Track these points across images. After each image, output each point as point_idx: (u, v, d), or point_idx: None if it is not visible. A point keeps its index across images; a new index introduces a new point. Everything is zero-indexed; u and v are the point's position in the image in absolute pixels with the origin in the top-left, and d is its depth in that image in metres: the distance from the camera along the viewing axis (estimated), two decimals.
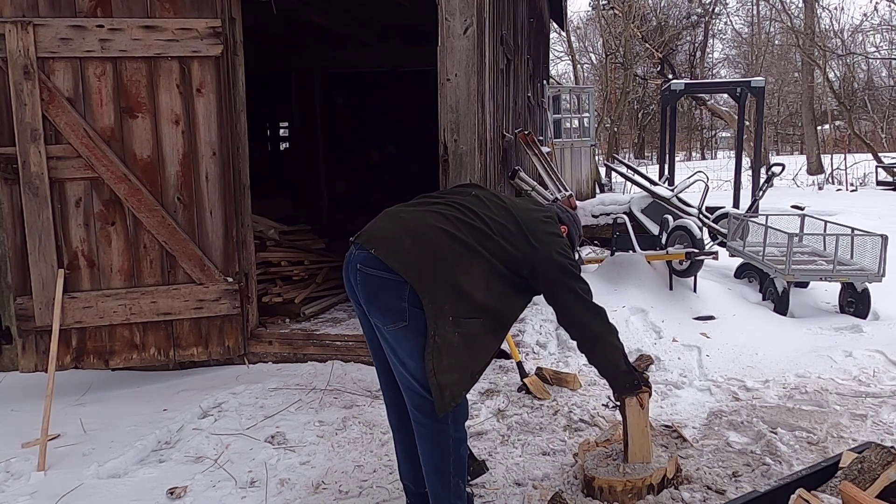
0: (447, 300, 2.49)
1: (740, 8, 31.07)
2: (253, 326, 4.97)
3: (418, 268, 2.50)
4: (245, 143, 4.80)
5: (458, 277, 2.52)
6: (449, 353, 2.48)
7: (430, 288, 2.48)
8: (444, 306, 2.49)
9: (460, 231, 2.58)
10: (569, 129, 14.96)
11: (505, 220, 2.67)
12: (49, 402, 3.74)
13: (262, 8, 5.40)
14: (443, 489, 2.64)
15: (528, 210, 2.80)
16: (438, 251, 2.53)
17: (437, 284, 2.49)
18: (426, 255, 2.52)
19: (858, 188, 17.74)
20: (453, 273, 2.52)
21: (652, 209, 7.83)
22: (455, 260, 2.53)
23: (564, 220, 2.99)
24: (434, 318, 2.47)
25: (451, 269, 2.52)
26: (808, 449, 3.51)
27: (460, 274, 2.52)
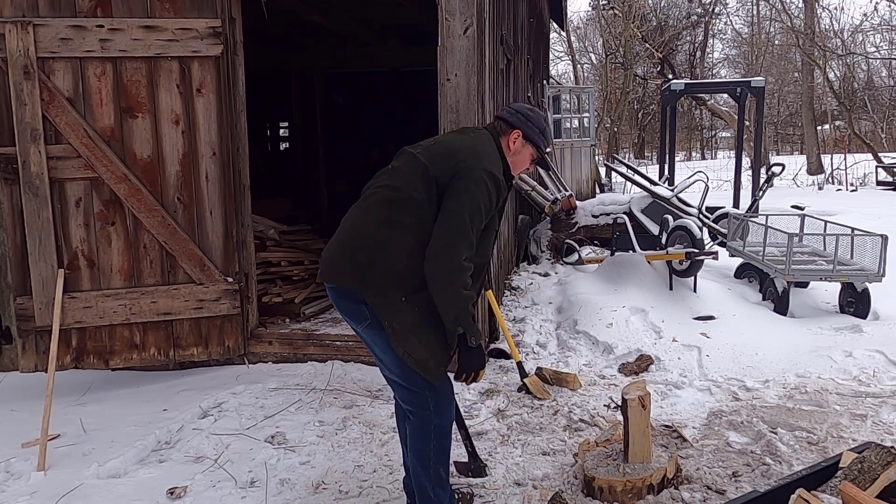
0: (390, 286, 2.53)
1: (740, 8, 31.09)
2: (253, 326, 4.96)
3: (350, 273, 2.57)
4: (245, 143, 4.80)
5: (391, 260, 2.52)
6: (412, 332, 2.54)
7: (366, 285, 2.54)
8: (389, 293, 2.52)
9: (383, 215, 2.57)
10: (569, 129, 14.96)
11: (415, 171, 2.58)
12: (49, 402, 3.74)
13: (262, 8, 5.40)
14: (425, 476, 2.69)
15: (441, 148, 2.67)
16: (364, 245, 2.56)
17: (373, 278, 2.53)
18: (353, 258, 2.57)
19: (858, 188, 17.73)
20: (385, 258, 2.53)
21: (652, 209, 7.83)
22: (381, 245, 2.54)
23: (514, 123, 2.75)
24: (382, 309, 2.53)
25: (381, 256, 2.53)
26: (808, 449, 3.51)
27: (392, 255, 2.52)
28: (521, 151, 2.78)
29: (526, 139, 2.75)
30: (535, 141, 2.76)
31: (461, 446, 3.29)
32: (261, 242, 5.77)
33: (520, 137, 2.74)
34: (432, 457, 2.68)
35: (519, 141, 2.75)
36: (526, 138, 2.75)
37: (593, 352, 5.04)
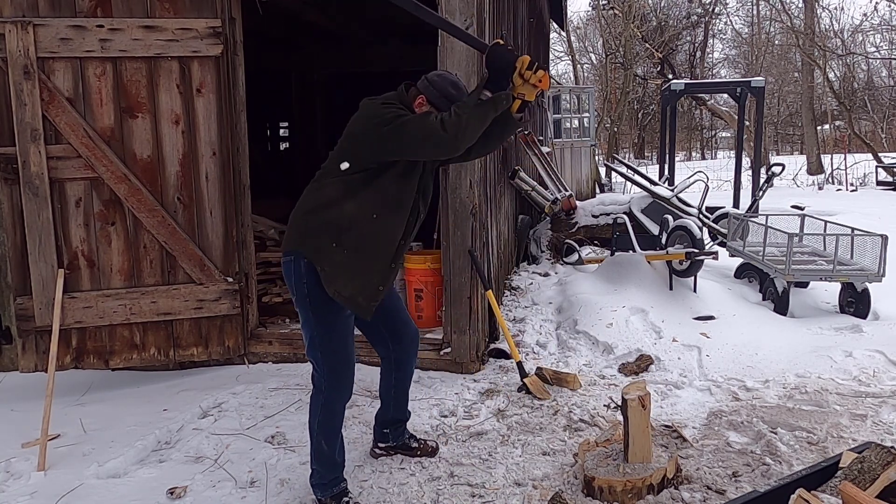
0: (322, 236, 2.82)
1: (740, 8, 31.08)
2: (253, 326, 4.97)
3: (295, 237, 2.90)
4: (245, 143, 4.80)
5: (321, 214, 2.84)
6: (341, 272, 2.82)
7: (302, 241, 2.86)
8: (322, 242, 2.82)
9: (312, 184, 2.94)
10: (569, 129, 14.96)
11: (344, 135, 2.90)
12: (49, 402, 3.74)
13: (263, 8, 5.40)
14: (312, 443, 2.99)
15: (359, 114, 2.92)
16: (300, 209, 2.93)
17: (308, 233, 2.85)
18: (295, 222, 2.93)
19: (858, 188, 17.73)
20: (316, 215, 2.85)
21: (652, 209, 7.83)
22: (311, 201, 2.89)
23: (421, 88, 2.96)
24: (317, 257, 2.82)
25: (314, 214, 2.86)
26: (808, 449, 3.51)
27: (322, 210, 2.84)
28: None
29: (430, 103, 2.93)
30: (438, 104, 2.91)
31: None
32: (261, 242, 5.77)
33: (424, 101, 2.94)
34: (316, 430, 2.96)
35: (424, 105, 2.94)
36: (430, 102, 2.93)
37: (593, 352, 5.04)
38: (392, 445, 3.47)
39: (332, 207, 2.84)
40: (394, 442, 3.45)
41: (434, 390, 4.33)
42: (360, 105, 2.94)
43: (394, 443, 3.46)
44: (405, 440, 3.48)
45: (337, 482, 3.04)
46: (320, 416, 2.96)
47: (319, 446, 2.98)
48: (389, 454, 3.47)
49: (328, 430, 2.98)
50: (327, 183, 2.88)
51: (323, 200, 2.86)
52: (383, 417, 3.44)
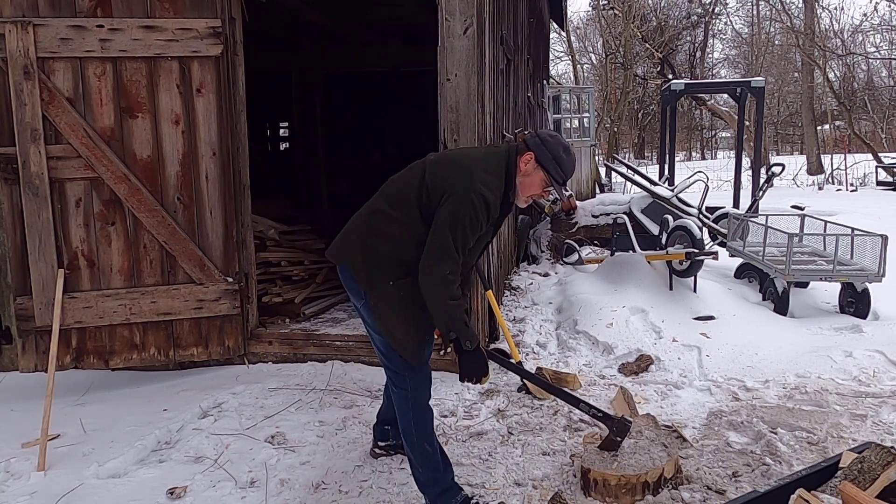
0: (379, 269, 2.77)
1: (740, 8, 31.10)
2: (253, 326, 4.96)
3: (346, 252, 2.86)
4: (245, 143, 4.80)
5: (381, 247, 2.77)
6: (394, 312, 2.77)
7: (359, 266, 2.81)
8: (375, 274, 2.77)
9: (379, 205, 2.84)
10: (569, 129, 14.96)
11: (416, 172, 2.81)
12: (49, 402, 3.74)
13: (262, 8, 5.40)
14: (410, 450, 2.92)
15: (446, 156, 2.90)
16: (360, 231, 2.85)
17: (364, 260, 2.79)
18: (351, 240, 2.87)
19: (858, 188, 17.73)
20: (376, 244, 2.78)
21: (652, 209, 7.83)
22: (374, 232, 2.80)
23: (530, 145, 2.81)
24: (368, 288, 2.79)
25: (373, 242, 2.78)
26: (808, 449, 3.51)
27: (383, 243, 2.77)
28: (532, 175, 2.82)
29: (538, 162, 2.79)
30: (547, 166, 2.79)
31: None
32: (261, 242, 5.76)
33: (532, 160, 2.79)
34: (414, 432, 2.89)
35: (531, 164, 2.80)
36: (538, 161, 2.79)
37: (593, 352, 5.04)
38: (392, 444, 3.45)
39: (397, 247, 2.75)
40: (394, 440, 3.42)
41: (434, 390, 4.31)
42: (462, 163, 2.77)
43: (394, 441, 3.43)
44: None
45: (458, 489, 2.94)
46: (413, 416, 2.88)
47: (423, 449, 2.88)
48: (389, 454, 3.47)
49: (425, 429, 2.90)
50: (397, 219, 2.77)
51: (388, 234, 2.77)
52: (386, 416, 3.41)
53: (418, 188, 2.75)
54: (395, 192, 2.85)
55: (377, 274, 2.77)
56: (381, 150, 11.80)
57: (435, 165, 2.81)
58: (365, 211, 2.92)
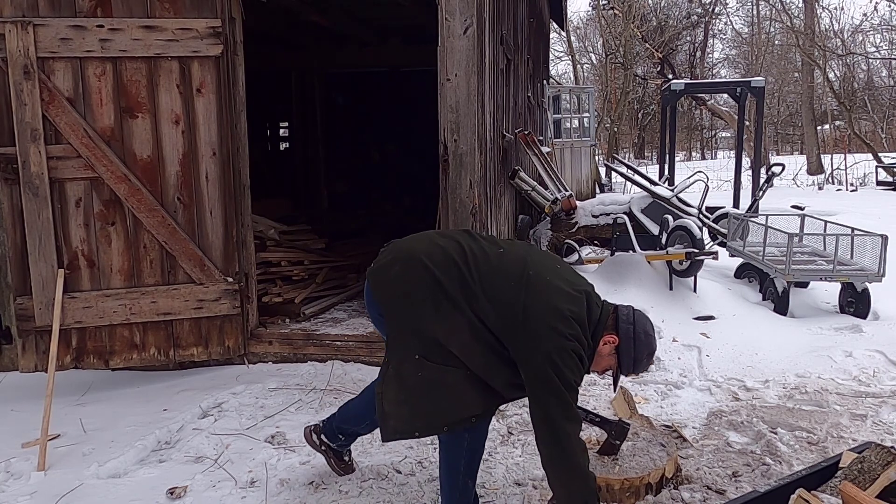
0: (414, 336, 2.48)
1: (740, 8, 31.12)
2: (253, 326, 4.96)
3: (392, 298, 2.54)
4: (245, 143, 4.80)
5: (432, 321, 2.45)
6: (400, 386, 2.51)
7: (397, 319, 2.51)
8: (408, 340, 2.48)
9: (450, 279, 2.46)
10: (569, 129, 14.97)
11: (508, 289, 2.44)
12: (49, 402, 3.74)
13: (262, 8, 5.40)
14: (450, 487, 2.72)
15: (550, 286, 2.47)
16: (422, 290, 2.48)
17: (407, 318, 2.49)
18: (406, 289, 2.51)
19: (858, 188, 17.74)
20: (427, 314, 2.46)
21: (652, 209, 7.83)
22: (435, 305, 2.45)
23: (620, 330, 2.52)
24: (394, 346, 2.51)
25: (427, 311, 2.46)
26: (808, 449, 3.51)
27: (435, 320, 2.45)
28: (605, 357, 2.58)
29: (616, 351, 2.56)
30: (621, 360, 2.58)
31: None
32: (261, 242, 5.77)
33: (613, 345, 2.55)
34: (462, 470, 2.69)
35: (609, 347, 2.55)
36: (617, 350, 2.56)
37: None
38: (331, 446, 3.20)
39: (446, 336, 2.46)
40: (337, 446, 3.20)
41: None
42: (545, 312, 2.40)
43: (336, 445, 3.20)
44: (346, 449, 3.26)
45: None
46: (467, 457, 2.66)
47: (466, 486, 2.71)
48: (321, 448, 3.21)
49: (473, 468, 2.72)
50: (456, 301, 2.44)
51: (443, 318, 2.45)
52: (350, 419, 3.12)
53: (507, 312, 2.41)
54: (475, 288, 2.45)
55: (408, 341, 2.48)
56: (381, 150, 11.81)
57: (534, 300, 2.41)
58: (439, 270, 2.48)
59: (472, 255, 2.52)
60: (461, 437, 2.62)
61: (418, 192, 9.84)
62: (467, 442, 2.65)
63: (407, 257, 2.58)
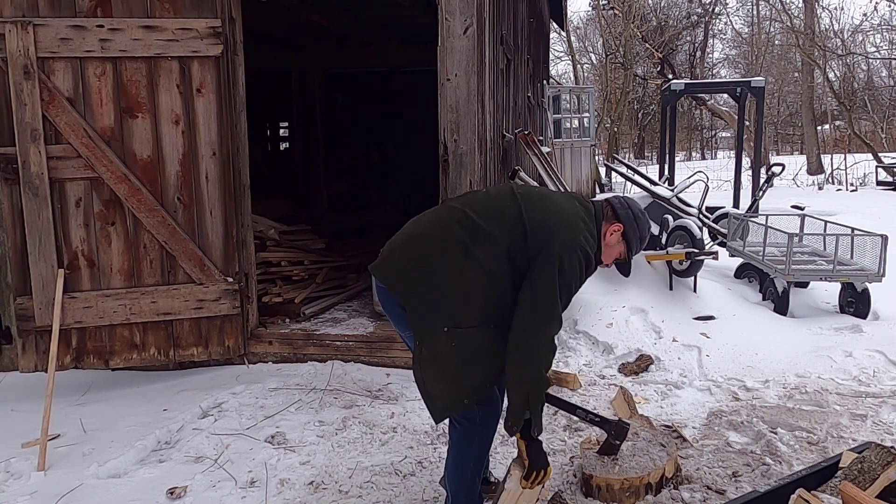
0: (437, 312, 2.45)
1: (740, 8, 31.10)
2: (253, 326, 4.97)
3: (403, 284, 2.51)
4: (245, 143, 4.80)
5: (450, 286, 2.44)
6: (436, 364, 2.49)
7: (415, 302, 2.48)
8: (432, 317, 2.45)
9: (456, 236, 2.46)
10: (569, 129, 14.96)
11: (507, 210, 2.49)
12: (49, 402, 3.74)
13: (262, 8, 5.40)
14: (459, 482, 2.71)
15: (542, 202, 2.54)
16: (428, 263, 2.47)
17: (425, 298, 2.46)
18: (412, 268, 2.49)
19: (858, 188, 17.74)
20: (445, 281, 2.44)
21: (652, 209, 7.82)
22: (447, 267, 2.44)
23: (621, 216, 2.63)
24: (420, 330, 2.48)
25: (442, 278, 2.44)
26: (808, 449, 3.51)
27: (454, 281, 2.43)
28: (614, 246, 2.66)
29: (623, 237, 2.64)
30: (630, 243, 2.66)
31: None
32: (261, 242, 5.77)
33: (619, 232, 2.63)
34: (472, 467, 2.69)
35: (616, 235, 2.64)
36: (624, 236, 2.64)
37: (593, 352, 5.04)
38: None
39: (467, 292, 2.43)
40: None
41: None
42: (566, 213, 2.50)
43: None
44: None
45: None
46: (476, 452, 2.67)
47: (473, 484, 2.72)
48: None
49: (481, 465, 2.74)
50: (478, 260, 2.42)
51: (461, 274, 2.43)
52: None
53: (513, 227, 2.43)
54: (478, 226, 2.45)
55: (435, 318, 2.44)
56: (381, 150, 11.80)
57: (534, 207, 2.48)
58: (436, 236, 2.51)
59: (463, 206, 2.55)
60: (472, 431, 2.64)
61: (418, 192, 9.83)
62: (478, 437, 2.66)
63: (402, 241, 2.60)
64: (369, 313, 5.64)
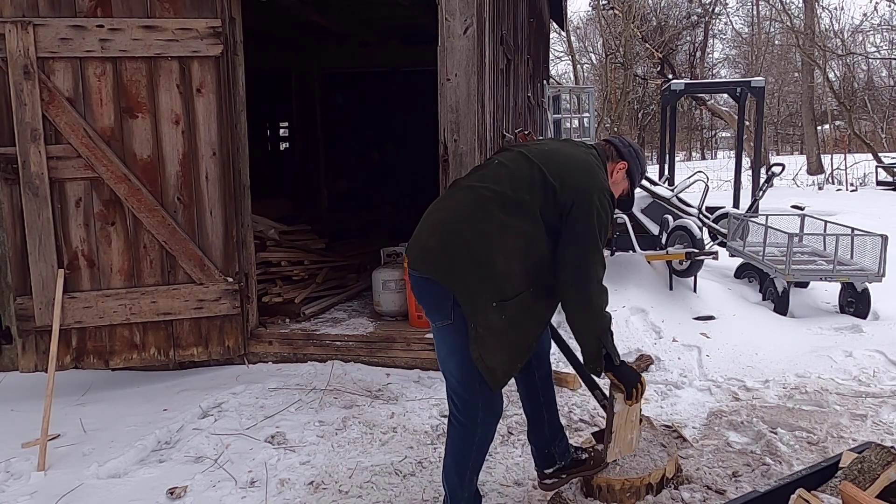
0: (485, 288, 2.48)
1: (740, 8, 31.08)
2: (253, 326, 4.97)
3: (446, 266, 2.52)
4: (245, 143, 4.80)
5: (493, 261, 2.48)
6: (493, 339, 2.52)
7: (461, 283, 2.51)
8: (481, 295, 2.49)
9: (487, 210, 2.51)
10: (569, 129, 14.95)
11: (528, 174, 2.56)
12: (49, 402, 3.74)
13: (262, 8, 5.40)
14: (458, 481, 2.72)
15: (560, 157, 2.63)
16: (466, 242, 2.50)
17: (470, 276, 2.50)
18: (453, 252, 2.51)
19: (858, 188, 17.75)
20: (487, 258, 2.48)
21: (652, 209, 7.83)
22: (486, 244, 2.48)
23: (624, 154, 2.77)
24: (471, 311, 2.50)
25: (484, 255, 2.48)
26: (808, 449, 3.51)
27: (495, 256, 2.48)
28: (619, 183, 2.79)
29: (628, 174, 2.80)
30: (634, 179, 2.81)
31: None
32: (261, 242, 5.76)
33: (624, 169, 2.78)
34: (471, 466, 2.71)
35: (622, 173, 2.78)
36: (628, 173, 2.80)
37: None
38: (562, 466, 3.03)
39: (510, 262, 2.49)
40: (562, 461, 3.03)
41: (434, 390, 4.33)
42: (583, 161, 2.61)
43: (562, 462, 3.03)
44: (572, 454, 3.06)
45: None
46: (476, 452, 2.69)
47: (471, 482, 2.74)
48: (561, 478, 3.01)
49: (479, 464, 2.75)
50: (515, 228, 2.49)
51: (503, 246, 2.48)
52: (542, 437, 3.02)
53: (542, 189, 2.51)
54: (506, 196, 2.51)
55: (483, 295, 2.48)
56: (381, 150, 11.80)
57: (553, 164, 2.56)
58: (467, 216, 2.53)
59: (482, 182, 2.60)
60: (473, 428, 2.66)
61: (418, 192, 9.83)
62: (478, 436, 2.68)
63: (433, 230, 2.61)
64: (369, 313, 5.64)
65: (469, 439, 2.67)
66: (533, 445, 3.06)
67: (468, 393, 2.61)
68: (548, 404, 3.01)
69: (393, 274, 5.41)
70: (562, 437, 3.06)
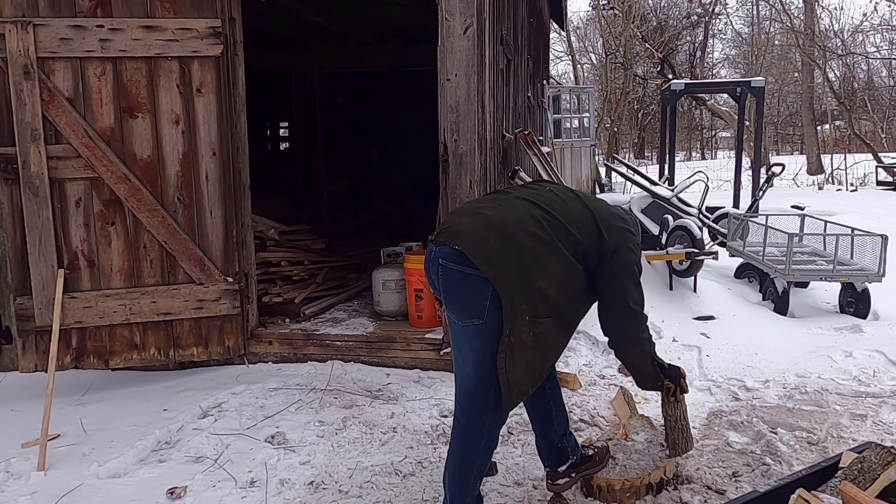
0: (525, 300, 2.55)
1: (740, 8, 31.13)
2: (253, 326, 4.97)
3: (501, 267, 2.54)
4: (245, 143, 4.80)
5: (536, 277, 2.57)
6: (521, 352, 2.56)
7: (511, 288, 2.53)
8: (521, 306, 2.55)
9: (542, 228, 2.62)
10: (569, 129, 14.96)
11: (581, 213, 2.75)
12: (49, 402, 3.74)
13: (262, 8, 5.40)
14: (459, 484, 2.72)
15: (603, 205, 2.91)
16: (521, 251, 2.57)
17: (518, 285, 2.54)
18: (509, 255, 2.56)
19: (858, 188, 17.74)
20: (533, 273, 2.56)
21: (652, 209, 7.83)
22: (535, 259, 2.57)
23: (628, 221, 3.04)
24: (511, 317, 2.54)
25: (531, 269, 2.56)
26: (808, 449, 3.51)
27: (539, 273, 2.57)
28: None
29: None
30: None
31: None
32: (261, 242, 5.76)
33: None
34: (475, 470, 2.72)
35: None
36: None
37: (593, 352, 5.03)
38: (574, 462, 3.02)
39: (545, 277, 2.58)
40: (574, 456, 3.03)
41: (434, 390, 4.33)
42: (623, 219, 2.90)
43: (574, 457, 3.03)
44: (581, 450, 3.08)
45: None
46: (482, 455, 2.71)
47: (474, 486, 2.76)
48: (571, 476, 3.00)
49: (483, 469, 2.76)
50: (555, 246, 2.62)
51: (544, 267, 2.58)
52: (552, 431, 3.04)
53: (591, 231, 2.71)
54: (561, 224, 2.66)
55: (523, 306, 2.55)
56: (381, 150, 11.80)
57: (599, 210, 2.81)
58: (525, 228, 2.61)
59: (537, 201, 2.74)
60: (479, 436, 2.67)
61: (418, 192, 9.84)
62: (484, 442, 2.69)
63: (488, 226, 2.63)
64: (369, 313, 5.64)
65: (475, 445, 2.68)
66: (543, 442, 3.04)
67: (482, 397, 2.61)
68: (553, 395, 3.04)
69: (393, 274, 5.40)
70: (570, 430, 3.09)
